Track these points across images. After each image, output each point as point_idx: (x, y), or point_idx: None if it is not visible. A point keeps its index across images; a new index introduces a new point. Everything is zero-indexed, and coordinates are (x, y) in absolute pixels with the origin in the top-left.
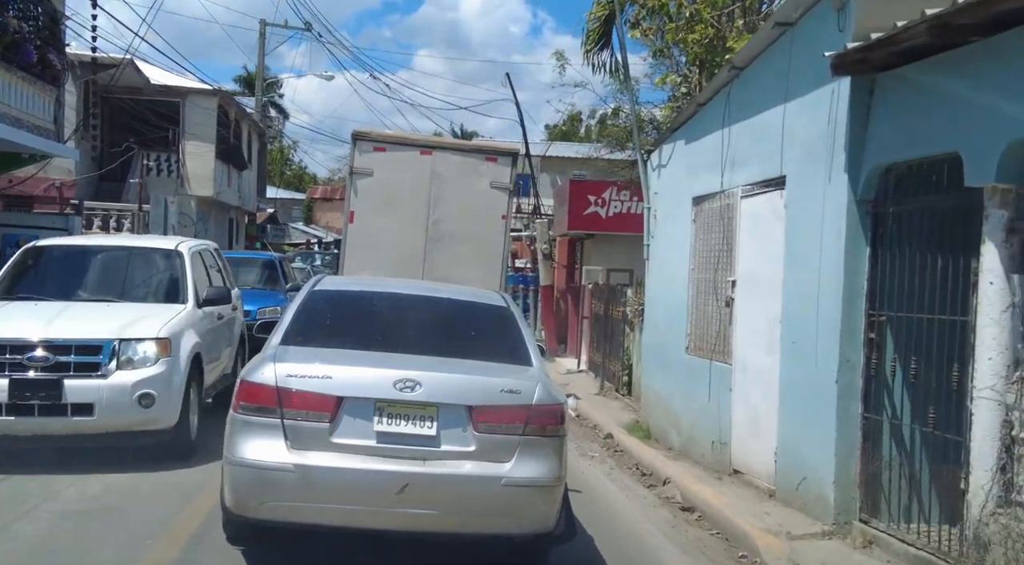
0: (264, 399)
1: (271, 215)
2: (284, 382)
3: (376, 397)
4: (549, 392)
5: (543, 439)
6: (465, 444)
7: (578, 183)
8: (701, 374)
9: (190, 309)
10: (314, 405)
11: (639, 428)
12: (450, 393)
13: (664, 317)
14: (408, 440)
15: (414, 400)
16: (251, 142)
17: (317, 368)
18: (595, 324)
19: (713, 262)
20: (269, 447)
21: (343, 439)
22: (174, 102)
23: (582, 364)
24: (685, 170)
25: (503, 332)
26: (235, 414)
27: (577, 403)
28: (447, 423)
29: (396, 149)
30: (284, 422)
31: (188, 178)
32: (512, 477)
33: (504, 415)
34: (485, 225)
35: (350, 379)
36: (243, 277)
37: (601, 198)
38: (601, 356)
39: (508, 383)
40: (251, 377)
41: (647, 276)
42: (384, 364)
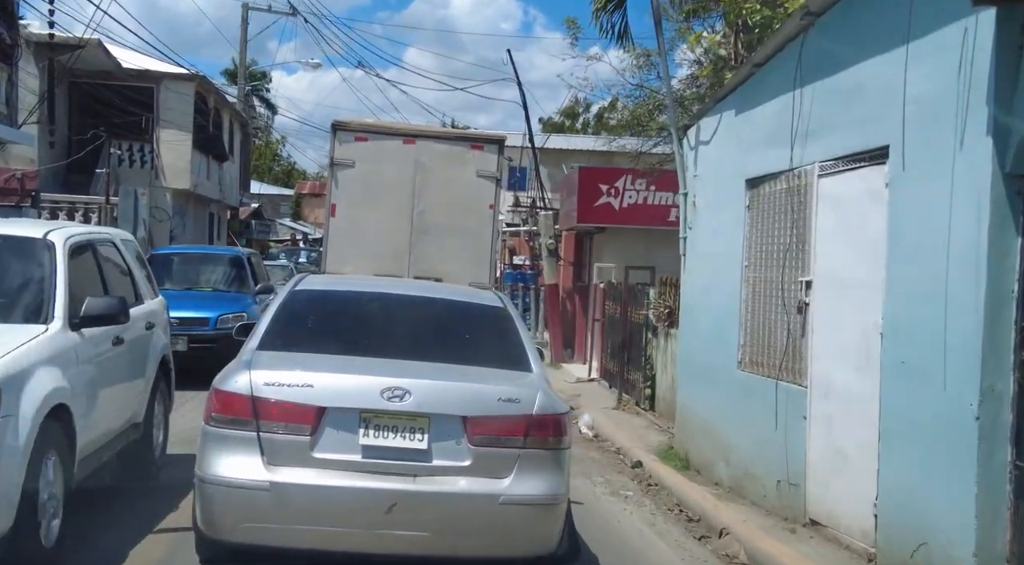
0: (238, 410)
1: (256, 210)
2: (261, 391)
3: (361, 407)
4: (551, 400)
5: (544, 452)
6: (459, 458)
7: (589, 171)
8: (761, 396)
9: (55, 332)
10: (293, 416)
11: (674, 456)
12: (443, 402)
13: (707, 324)
14: (397, 454)
15: (403, 410)
16: (233, 132)
17: (297, 375)
18: (609, 328)
19: (777, 258)
20: (244, 463)
21: (325, 454)
22: (148, 87)
23: (593, 372)
24: (736, 146)
25: (500, 335)
26: (207, 426)
27: (593, 420)
28: (439, 435)
29: (378, 139)
30: (260, 435)
31: (163, 169)
32: (511, 494)
33: (502, 426)
34: (472, 216)
35: (333, 387)
36: (204, 277)
37: (614, 187)
38: (617, 364)
39: (506, 391)
40: (224, 385)
41: (684, 275)
42: (370, 371)
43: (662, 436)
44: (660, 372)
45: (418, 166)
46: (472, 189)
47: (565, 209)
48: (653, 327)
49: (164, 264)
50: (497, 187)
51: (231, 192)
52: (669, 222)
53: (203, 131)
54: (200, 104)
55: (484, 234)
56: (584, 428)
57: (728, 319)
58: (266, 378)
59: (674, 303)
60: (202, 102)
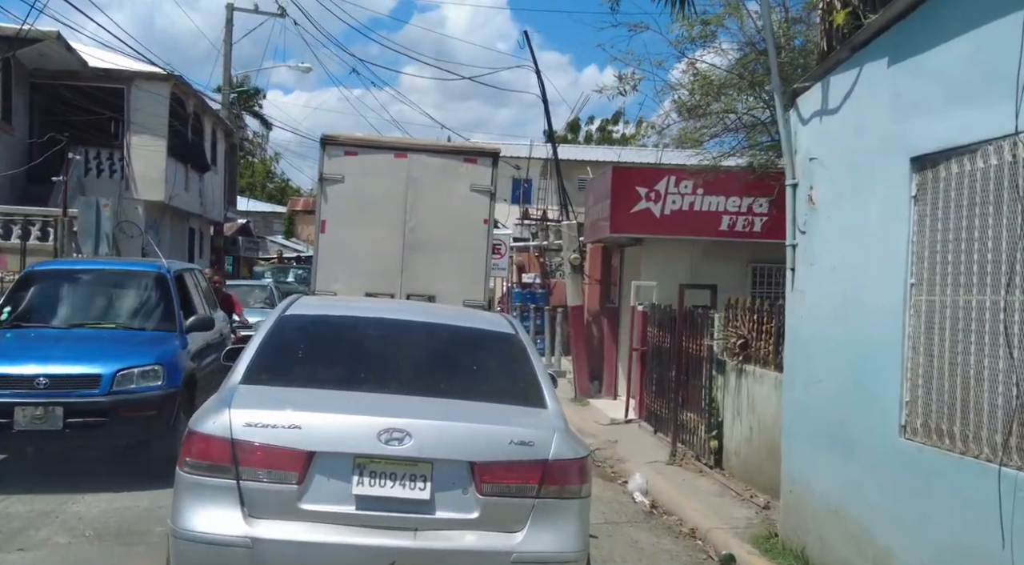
0: (216, 455)
1: (243, 226)
2: (242, 433)
3: (356, 452)
4: (569, 443)
5: (562, 502)
6: (466, 510)
7: (624, 171)
8: (955, 483)
9: None
10: (278, 462)
11: (782, 549)
12: (447, 446)
13: (837, 365)
14: (395, 506)
15: (403, 455)
16: (216, 141)
17: (282, 415)
18: (653, 360)
19: (981, 272)
20: (222, 516)
21: (314, 505)
22: (117, 89)
23: (631, 411)
24: (890, 111)
25: (511, 366)
26: (181, 472)
27: (648, 483)
28: (444, 484)
29: (368, 152)
30: (241, 484)
31: (134, 179)
32: (524, 551)
33: (514, 473)
34: (466, 231)
35: (323, 429)
36: (103, 308)
37: (654, 191)
38: (666, 405)
39: (519, 433)
40: (201, 427)
41: (790, 295)
42: (366, 409)
43: (746, 510)
44: (730, 419)
45: (410, 181)
46: (466, 204)
47: (592, 218)
48: (718, 361)
49: (43, 288)
50: (491, 201)
51: (214, 206)
52: (720, 231)
53: (180, 138)
54: (177, 108)
55: (478, 250)
56: (638, 495)
57: (879, 361)
58: (248, 418)
59: (749, 332)
60: (179, 106)
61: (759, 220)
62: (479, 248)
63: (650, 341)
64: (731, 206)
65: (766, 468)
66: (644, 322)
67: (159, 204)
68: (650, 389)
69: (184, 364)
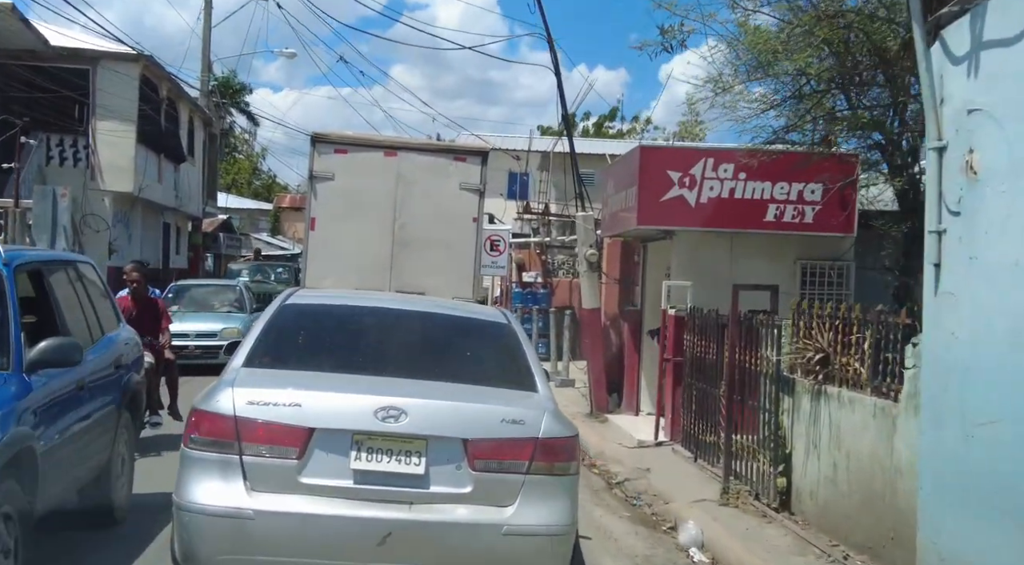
0: (220, 431)
1: (225, 222)
2: (244, 411)
3: (354, 429)
4: (558, 422)
5: (551, 479)
6: (459, 485)
7: (654, 152)
8: None
9: None
10: (279, 438)
11: None
12: (442, 423)
13: (1019, 403)
14: (391, 480)
15: (399, 432)
16: (194, 130)
17: (284, 394)
18: (693, 373)
19: None
20: (225, 489)
21: (314, 479)
22: (82, 69)
23: (662, 432)
24: None
25: (503, 353)
26: (186, 449)
27: (703, 535)
28: (438, 459)
29: (358, 151)
30: (243, 459)
31: (101, 168)
32: (515, 524)
33: (506, 450)
34: (455, 229)
35: (323, 407)
36: None
37: (689, 175)
38: (709, 428)
39: (510, 412)
40: (205, 405)
41: (935, 302)
42: (363, 389)
43: None
44: (803, 452)
45: (399, 179)
46: (455, 202)
47: (613, 208)
48: (785, 380)
49: None
50: (480, 200)
51: (192, 200)
52: (765, 223)
53: (152, 124)
54: (148, 92)
55: (467, 248)
56: (694, 551)
57: None
58: (250, 397)
59: (831, 345)
60: (151, 90)
61: (810, 210)
62: (468, 246)
63: (687, 350)
64: (779, 193)
65: (862, 520)
66: (679, 328)
67: (128, 196)
68: (687, 407)
69: (21, 434)
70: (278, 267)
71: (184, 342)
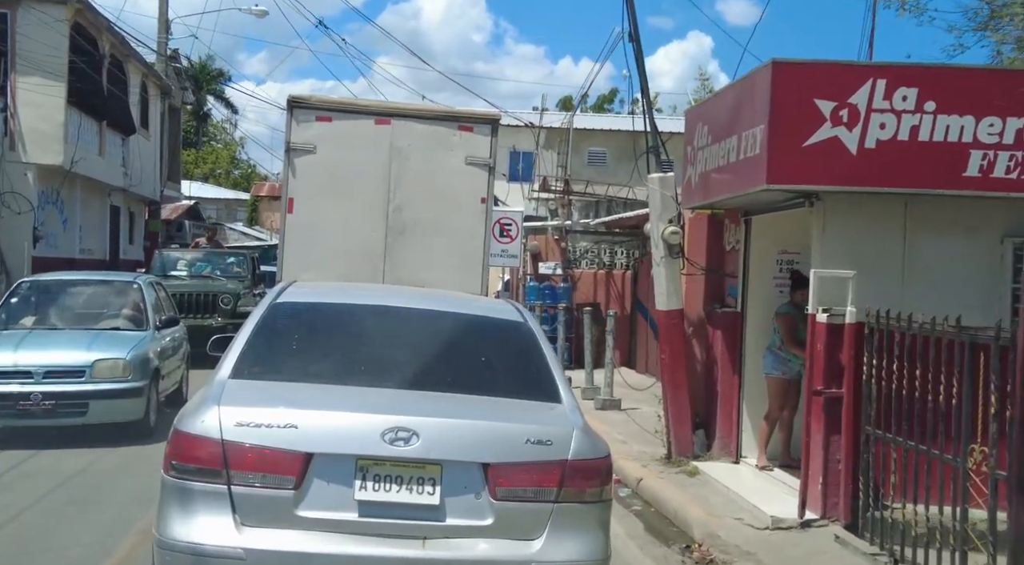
0: (205, 457)
1: (191, 208)
2: (233, 433)
3: (358, 453)
4: (589, 441)
5: (582, 507)
6: (479, 516)
7: (794, 67)
8: None
9: None
10: (273, 465)
11: None
12: (458, 446)
13: None
14: (402, 512)
15: (410, 457)
16: (148, 99)
17: (278, 414)
18: (886, 420)
19: None
20: (212, 524)
21: (313, 512)
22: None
23: (812, 504)
24: None
25: (521, 356)
26: (166, 477)
27: None
28: (454, 487)
29: (345, 118)
30: (232, 489)
31: (21, 135)
32: (544, 560)
33: (531, 475)
34: (460, 211)
35: (323, 428)
36: None
37: (848, 105)
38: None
39: (535, 431)
40: (188, 426)
41: None
42: (368, 406)
43: None
44: None
45: (394, 151)
46: (460, 179)
47: (707, 166)
48: None
49: None
50: (490, 176)
51: (145, 180)
52: (965, 180)
53: (90, 84)
54: (84, 44)
55: (475, 234)
56: None
57: None
58: (239, 416)
59: None
60: (85, 39)
61: None
62: (476, 232)
63: (869, 381)
64: (986, 134)
65: None
66: (855, 344)
67: (57, 170)
68: (864, 470)
69: None
70: (229, 257)
71: (22, 387)
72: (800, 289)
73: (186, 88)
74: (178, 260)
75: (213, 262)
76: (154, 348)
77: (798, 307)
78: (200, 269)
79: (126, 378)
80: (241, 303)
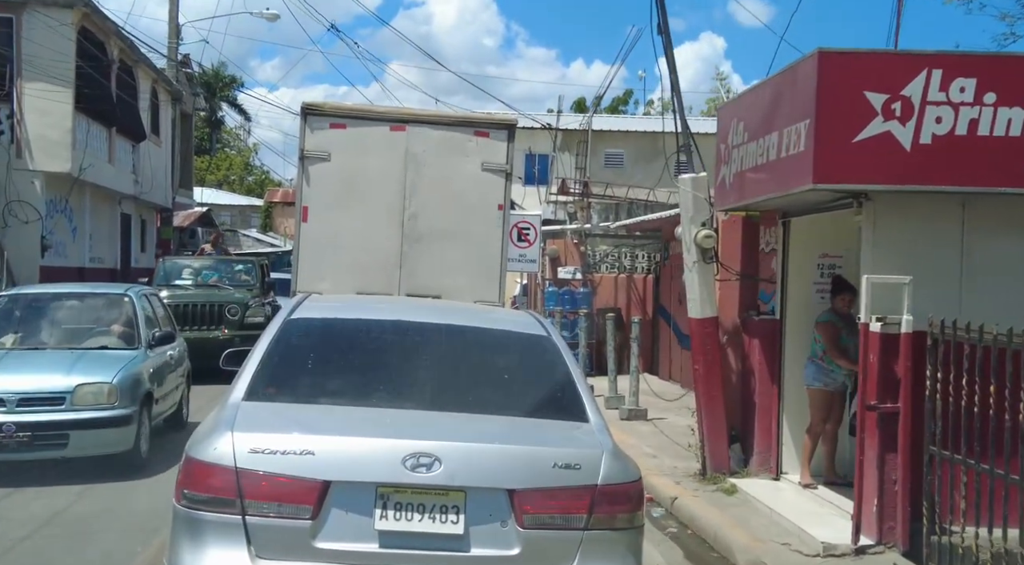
0: (218, 486)
1: (204, 215)
2: (247, 461)
3: (378, 481)
4: (619, 463)
5: (614, 534)
6: (506, 545)
7: (842, 57)
8: None
9: None
10: (290, 495)
11: None
12: (482, 472)
13: None
14: (425, 542)
15: (432, 484)
16: (159, 105)
17: (294, 440)
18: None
19: None
20: (226, 556)
21: (331, 543)
22: (5, 18)
23: (866, 528)
24: None
25: (545, 372)
26: (178, 507)
27: None
28: (479, 515)
29: (359, 125)
30: (247, 519)
31: (28, 142)
32: None
33: (559, 501)
34: (477, 219)
35: (341, 455)
36: None
37: (901, 98)
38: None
39: (563, 454)
40: (200, 454)
41: None
42: (388, 430)
43: None
44: None
45: (409, 158)
46: (476, 185)
47: (743, 165)
48: None
49: None
50: (507, 182)
51: (157, 187)
52: None
53: (98, 90)
54: (91, 49)
55: (492, 241)
56: None
57: None
58: (254, 443)
59: None
60: (93, 45)
61: None
62: (493, 239)
63: (933, 397)
64: None
65: None
66: (913, 356)
67: (65, 177)
68: (928, 493)
69: None
70: (236, 265)
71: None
72: (840, 294)
73: (198, 94)
74: (183, 268)
75: (220, 270)
76: (146, 369)
77: (839, 314)
78: (207, 278)
79: (112, 405)
80: (249, 313)
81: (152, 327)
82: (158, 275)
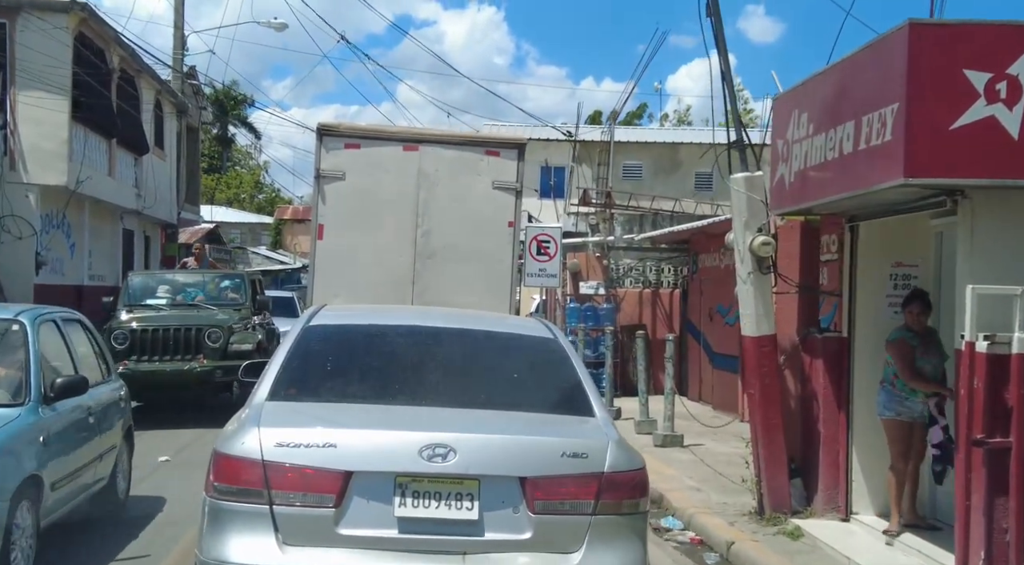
0: (247, 478)
1: (211, 232)
2: (273, 454)
3: (396, 470)
4: (624, 453)
5: (620, 519)
6: (518, 530)
7: (936, 29)
8: None
9: None
10: (314, 485)
11: None
12: (495, 461)
13: None
14: (441, 528)
15: (448, 473)
16: (163, 117)
17: (317, 433)
18: None
19: None
20: (255, 544)
21: (354, 530)
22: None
23: None
24: None
25: (553, 372)
26: (208, 498)
27: None
28: (493, 502)
29: (373, 145)
30: (274, 509)
31: (22, 153)
32: None
33: (568, 488)
34: (488, 236)
35: (361, 447)
36: None
37: (1007, 77)
38: None
39: (571, 444)
40: (229, 449)
41: None
42: (405, 424)
43: None
44: None
45: (422, 177)
46: (487, 204)
47: (808, 162)
48: None
49: None
50: (518, 200)
51: (161, 203)
52: None
53: (97, 98)
54: (90, 56)
55: (503, 258)
56: None
57: None
58: (279, 437)
59: None
60: (94, 54)
61: None
62: (503, 256)
63: None
64: None
65: None
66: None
67: (62, 191)
68: None
69: None
70: (223, 280)
71: None
72: (909, 306)
73: (204, 107)
74: (157, 285)
75: (202, 287)
76: (31, 437)
77: (912, 331)
78: (188, 296)
79: None
80: (235, 339)
81: (57, 372)
82: (124, 293)
